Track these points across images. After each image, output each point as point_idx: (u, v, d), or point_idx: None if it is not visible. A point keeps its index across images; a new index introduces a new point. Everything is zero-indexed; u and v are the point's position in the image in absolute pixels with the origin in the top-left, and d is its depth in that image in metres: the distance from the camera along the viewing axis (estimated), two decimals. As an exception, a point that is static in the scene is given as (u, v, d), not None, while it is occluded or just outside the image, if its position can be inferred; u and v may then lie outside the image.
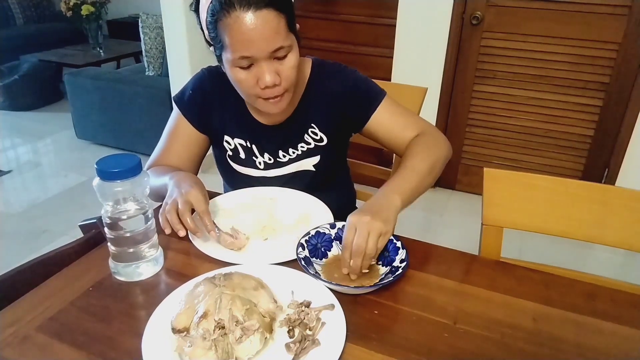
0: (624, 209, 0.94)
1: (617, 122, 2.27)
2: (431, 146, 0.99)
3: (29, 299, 0.76)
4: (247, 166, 1.10)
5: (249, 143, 1.08)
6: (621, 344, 0.70)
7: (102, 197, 0.76)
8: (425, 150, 0.97)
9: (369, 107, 1.03)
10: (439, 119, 2.56)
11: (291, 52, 0.90)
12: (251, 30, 0.84)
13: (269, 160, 1.08)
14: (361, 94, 1.04)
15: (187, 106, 1.07)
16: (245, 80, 0.90)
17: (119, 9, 5.37)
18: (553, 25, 2.20)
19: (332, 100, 1.04)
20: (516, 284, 0.81)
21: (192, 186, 0.88)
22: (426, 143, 1.00)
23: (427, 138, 1.01)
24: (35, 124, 3.74)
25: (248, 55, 0.86)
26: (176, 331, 0.65)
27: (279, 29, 0.86)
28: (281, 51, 0.88)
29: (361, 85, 1.05)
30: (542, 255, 2.12)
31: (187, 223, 0.85)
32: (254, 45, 0.85)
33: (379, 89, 1.05)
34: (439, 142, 1.01)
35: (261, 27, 0.84)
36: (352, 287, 0.76)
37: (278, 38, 0.86)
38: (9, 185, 2.85)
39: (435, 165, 0.96)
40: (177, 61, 2.64)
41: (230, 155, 1.10)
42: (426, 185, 0.95)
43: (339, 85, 1.04)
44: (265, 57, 0.87)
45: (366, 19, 2.69)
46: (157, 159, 1.07)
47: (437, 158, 0.98)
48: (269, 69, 0.88)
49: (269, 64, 0.88)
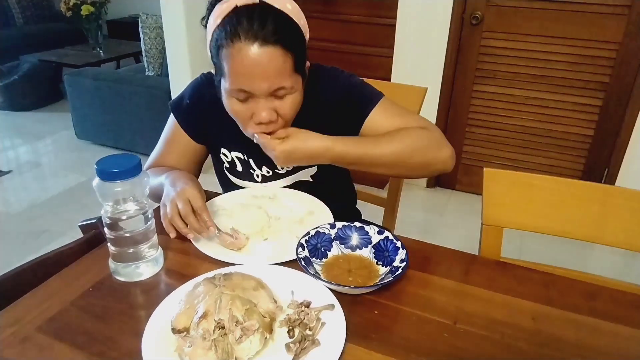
0: (624, 209, 0.94)
1: (617, 122, 2.27)
2: (416, 137, 0.91)
3: (29, 299, 0.76)
4: (245, 179, 1.08)
5: (246, 156, 1.06)
6: (621, 344, 0.70)
7: (102, 197, 0.76)
8: (405, 138, 0.91)
9: (362, 111, 0.98)
10: (439, 119, 2.56)
11: (292, 94, 0.87)
12: (253, 66, 0.80)
13: (267, 173, 1.06)
14: (354, 99, 0.98)
15: (184, 116, 1.05)
16: (240, 112, 0.88)
17: (119, 9, 5.36)
18: (553, 25, 2.20)
19: (326, 109, 0.99)
20: (516, 284, 0.81)
21: (187, 183, 0.88)
22: (414, 133, 0.92)
23: (421, 132, 0.93)
24: (35, 124, 3.74)
25: (246, 90, 0.83)
26: (176, 331, 0.65)
27: (284, 69, 0.82)
28: (282, 91, 0.85)
29: (354, 90, 0.99)
30: (542, 255, 2.12)
31: (193, 224, 0.85)
32: (254, 82, 0.82)
33: (375, 92, 0.99)
34: (432, 139, 0.93)
35: (264, 64, 0.80)
36: (352, 287, 0.76)
37: (281, 78, 0.83)
38: (9, 186, 2.85)
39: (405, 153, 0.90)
40: (177, 61, 2.64)
41: (228, 167, 1.09)
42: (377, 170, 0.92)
43: (333, 93, 0.99)
44: (264, 95, 0.84)
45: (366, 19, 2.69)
46: (154, 164, 1.07)
47: (415, 148, 0.90)
48: (266, 106, 0.85)
49: (266, 101, 0.85)
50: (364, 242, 0.88)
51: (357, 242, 0.88)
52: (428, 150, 0.92)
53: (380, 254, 0.85)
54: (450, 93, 2.52)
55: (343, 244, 0.88)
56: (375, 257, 0.86)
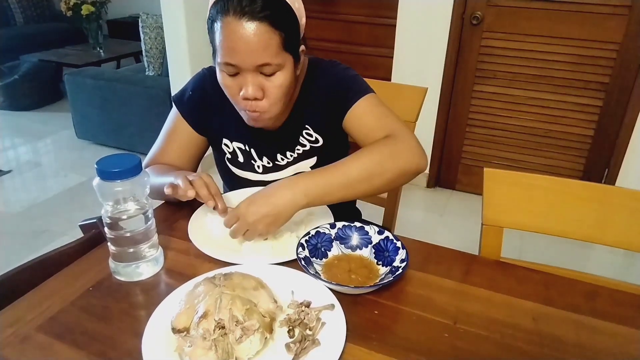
0: (624, 209, 0.94)
1: (617, 122, 2.27)
2: (386, 155, 0.88)
3: (29, 299, 0.76)
4: (246, 170, 1.10)
5: (248, 147, 1.08)
6: (621, 344, 0.70)
7: (102, 197, 0.76)
8: (374, 156, 0.88)
9: (349, 101, 0.99)
10: (439, 119, 2.56)
11: (280, 72, 0.88)
12: (239, 39, 0.82)
13: (268, 164, 1.08)
14: (343, 88, 1.00)
15: (187, 107, 1.07)
16: (229, 87, 0.91)
17: (119, 9, 5.37)
18: (553, 25, 2.20)
19: (322, 99, 1.02)
20: (516, 284, 0.82)
21: (201, 174, 0.91)
22: (383, 149, 0.89)
23: (390, 145, 0.90)
24: (35, 124, 3.74)
25: (233, 63, 0.85)
26: (176, 331, 0.65)
27: (269, 45, 0.84)
28: (268, 68, 0.86)
29: (347, 80, 1.01)
30: (542, 255, 2.12)
31: (202, 192, 0.87)
32: (239, 55, 0.84)
33: (365, 86, 1.01)
34: (402, 152, 0.90)
35: (249, 39, 0.82)
36: (352, 287, 0.76)
37: (266, 54, 0.84)
38: (9, 185, 2.85)
39: (375, 175, 0.87)
40: (177, 61, 2.64)
41: (229, 158, 1.10)
42: (354, 192, 0.88)
43: (327, 83, 1.02)
44: (250, 70, 0.86)
45: (366, 19, 2.69)
46: (154, 157, 1.07)
47: (385, 170, 0.88)
48: (253, 82, 0.87)
49: (253, 76, 0.87)
50: (364, 242, 0.88)
51: (357, 242, 0.88)
52: (401, 163, 0.89)
53: (381, 254, 0.85)
54: (450, 93, 2.52)
55: (343, 244, 0.88)
56: (375, 257, 0.86)
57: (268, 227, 0.84)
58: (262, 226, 0.83)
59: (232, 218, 0.85)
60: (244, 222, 0.83)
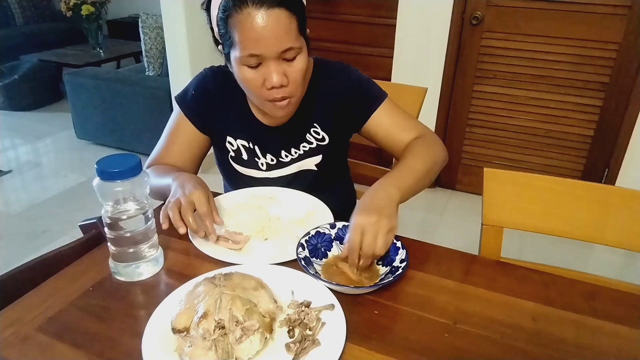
0: (624, 209, 0.94)
1: (617, 122, 2.27)
2: (430, 149, 1.00)
3: (29, 299, 0.76)
4: (250, 167, 1.10)
5: (252, 144, 1.08)
6: (621, 344, 0.70)
7: (102, 197, 0.76)
8: (424, 152, 0.98)
9: (369, 107, 1.04)
10: (439, 119, 2.56)
11: (300, 55, 0.90)
12: (262, 28, 0.83)
13: (272, 161, 1.08)
14: (363, 93, 1.05)
15: (190, 106, 1.07)
16: (252, 80, 0.90)
17: (119, 9, 5.37)
18: (553, 25, 2.20)
19: (334, 99, 1.04)
20: (516, 284, 0.82)
21: (196, 187, 0.87)
22: (425, 146, 1.01)
23: (426, 141, 1.02)
24: (35, 124, 3.74)
25: (257, 54, 0.86)
26: (176, 331, 0.65)
27: (290, 30, 0.86)
28: (290, 52, 0.88)
29: (363, 84, 1.05)
30: (542, 255, 2.12)
31: (189, 222, 0.84)
32: (264, 44, 0.85)
33: (381, 90, 1.06)
34: (437, 147, 1.02)
35: (272, 26, 0.84)
36: (352, 287, 0.76)
37: (288, 38, 0.86)
38: (9, 185, 2.85)
39: (432, 167, 0.97)
40: (177, 61, 2.64)
41: (233, 156, 1.10)
42: (422, 185, 0.95)
43: (341, 84, 1.04)
44: (274, 57, 0.87)
45: (366, 19, 2.69)
46: (157, 157, 1.07)
47: (435, 161, 0.99)
48: (277, 69, 0.88)
49: (277, 64, 0.88)
50: (364, 242, 0.88)
51: (357, 242, 0.88)
52: (439, 160, 1.01)
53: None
54: (450, 93, 2.52)
55: (343, 244, 0.88)
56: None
57: (387, 235, 0.80)
58: (382, 234, 0.79)
59: (356, 234, 0.80)
60: (371, 233, 0.79)
